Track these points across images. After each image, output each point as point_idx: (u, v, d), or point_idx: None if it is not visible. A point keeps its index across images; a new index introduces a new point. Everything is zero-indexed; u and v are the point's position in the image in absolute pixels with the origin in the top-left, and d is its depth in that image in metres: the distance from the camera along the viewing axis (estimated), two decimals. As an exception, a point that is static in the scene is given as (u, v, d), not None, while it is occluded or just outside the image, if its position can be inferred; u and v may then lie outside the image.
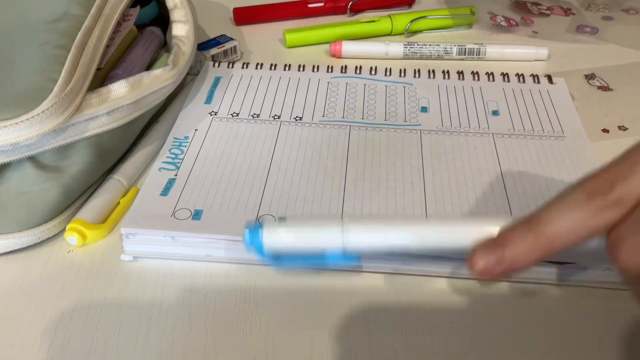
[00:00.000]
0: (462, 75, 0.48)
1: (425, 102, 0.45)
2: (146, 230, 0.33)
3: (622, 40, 0.54)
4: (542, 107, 0.44)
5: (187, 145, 0.40)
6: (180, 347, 0.29)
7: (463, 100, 0.45)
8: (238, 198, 0.36)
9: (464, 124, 0.42)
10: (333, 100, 0.45)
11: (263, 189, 0.36)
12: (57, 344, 0.30)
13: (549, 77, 0.47)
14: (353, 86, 0.47)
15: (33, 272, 0.33)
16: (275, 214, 0.34)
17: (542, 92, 0.46)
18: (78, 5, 0.38)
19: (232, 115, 0.43)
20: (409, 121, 0.43)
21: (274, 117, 0.43)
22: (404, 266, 0.32)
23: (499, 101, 0.45)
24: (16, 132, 0.31)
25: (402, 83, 0.47)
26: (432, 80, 0.47)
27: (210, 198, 0.35)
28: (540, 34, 0.55)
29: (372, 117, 0.43)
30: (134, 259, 0.34)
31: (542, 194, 0.36)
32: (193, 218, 0.34)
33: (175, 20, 0.45)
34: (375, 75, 0.48)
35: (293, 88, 0.46)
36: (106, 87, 0.36)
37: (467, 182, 0.37)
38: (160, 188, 0.36)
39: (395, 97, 0.45)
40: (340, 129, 0.42)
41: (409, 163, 0.39)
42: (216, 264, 0.33)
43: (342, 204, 0.35)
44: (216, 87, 0.46)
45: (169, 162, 0.38)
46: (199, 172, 0.38)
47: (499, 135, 0.41)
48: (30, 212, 0.34)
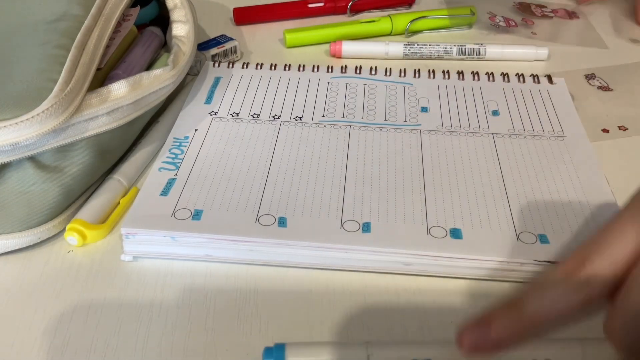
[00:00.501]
0: (462, 75, 0.48)
1: (425, 102, 0.45)
2: (146, 231, 0.33)
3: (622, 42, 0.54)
4: (542, 107, 0.44)
5: (187, 145, 0.40)
6: (180, 347, 0.29)
7: (463, 100, 0.45)
8: (238, 198, 0.35)
9: (464, 124, 0.42)
10: (333, 100, 0.45)
11: (263, 189, 0.36)
12: (57, 344, 0.30)
13: (549, 77, 0.47)
14: (353, 86, 0.47)
15: (33, 272, 0.33)
16: (275, 214, 0.34)
17: (542, 92, 0.46)
18: (78, 5, 0.38)
19: (232, 115, 0.43)
20: (409, 121, 0.43)
21: (274, 117, 0.43)
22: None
23: (499, 101, 0.45)
24: (16, 132, 0.31)
25: (402, 83, 0.47)
26: (432, 80, 0.47)
27: (210, 198, 0.35)
28: (539, 34, 0.55)
29: (372, 117, 0.43)
30: (134, 259, 0.34)
31: (542, 193, 0.36)
32: (193, 218, 0.34)
33: (175, 20, 0.45)
34: (375, 75, 0.48)
35: (293, 88, 0.46)
36: (106, 87, 0.36)
37: (467, 182, 0.37)
38: (160, 188, 0.36)
39: (395, 97, 0.45)
40: (340, 129, 0.42)
41: (409, 163, 0.39)
42: (216, 264, 0.33)
43: (342, 204, 0.35)
44: (216, 87, 0.46)
45: (168, 162, 0.38)
46: (199, 172, 0.38)
47: (499, 135, 0.41)
48: (30, 212, 0.34)
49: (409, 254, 0.32)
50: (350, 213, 0.35)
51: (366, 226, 0.34)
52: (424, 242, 0.33)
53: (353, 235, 0.33)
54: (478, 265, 0.32)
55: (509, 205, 0.35)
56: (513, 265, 0.32)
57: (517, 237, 0.33)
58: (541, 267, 0.32)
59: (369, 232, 0.33)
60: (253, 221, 0.34)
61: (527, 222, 0.34)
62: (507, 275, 0.32)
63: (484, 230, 0.34)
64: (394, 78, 0.48)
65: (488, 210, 0.35)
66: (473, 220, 0.34)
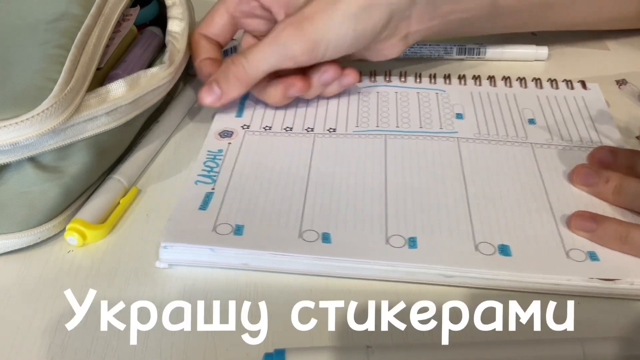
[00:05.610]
0: (493, 81, 0.47)
1: (460, 109, 0.44)
2: (188, 245, 0.33)
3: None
4: (578, 115, 0.43)
5: (221, 159, 0.39)
6: (180, 347, 0.29)
7: (498, 107, 0.44)
8: (279, 213, 0.35)
9: (501, 132, 0.42)
10: (365, 110, 0.44)
11: (303, 203, 0.36)
12: (57, 344, 0.30)
13: (583, 82, 0.47)
14: (384, 95, 0.46)
15: (33, 272, 0.33)
16: (318, 229, 0.34)
17: (577, 98, 0.45)
18: (78, 5, 0.38)
19: (264, 128, 0.43)
20: (445, 128, 0.42)
21: (307, 129, 0.42)
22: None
23: (534, 109, 0.44)
24: (16, 132, 0.31)
25: (434, 90, 0.46)
26: (464, 86, 0.47)
27: (251, 213, 0.35)
28: (538, 35, 0.55)
29: (407, 125, 0.42)
30: (169, 267, 0.33)
31: (584, 202, 0.36)
32: (235, 233, 0.33)
33: (172, 17, 0.45)
34: (405, 82, 0.47)
35: (323, 99, 0.45)
36: (105, 87, 0.36)
37: (510, 194, 0.36)
38: (198, 201, 0.36)
39: (428, 104, 0.45)
40: (376, 139, 0.41)
41: (449, 173, 0.38)
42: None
43: (384, 217, 0.34)
44: (246, 100, 0.45)
45: (204, 175, 0.38)
46: (237, 186, 0.37)
47: (537, 145, 0.40)
48: (30, 212, 0.34)
49: (457, 270, 0.32)
50: (394, 227, 0.34)
51: (412, 241, 0.33)
52: (473, 259, 0.32)
53: (400, 251, 0.32)
54: (526, 279, 0.31)
55: (554, 220, 0.34)
56: (561, 280, 0.31)
57: (566, 254, 0.32)
58: (592, 283, 0.31)
59: (415, 247, 0.33)
60: (296, 236, 0.33)
61: (574, 239, 0.33)
62: (552, 289, 0.31)
63: (532, 246, 0.33)
64: (425, 85, 0.47)
65: (534, 225, 0.34)
66: (520, 235, 0.33)
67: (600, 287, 0.31)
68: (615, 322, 0.30)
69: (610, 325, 0.30)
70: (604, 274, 0.31)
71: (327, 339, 0.30)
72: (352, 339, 0.30)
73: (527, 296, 0.31)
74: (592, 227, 0.33)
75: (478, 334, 0.29)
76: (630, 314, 0.31)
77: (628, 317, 0.30)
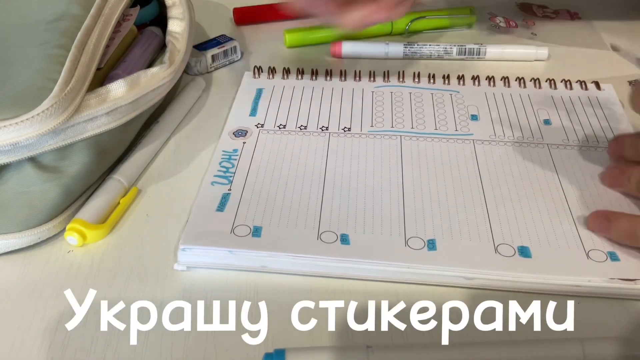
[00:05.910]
0: (507, 82, 0.47)
1: (475, 110, 0.44)
2: (207, 247, 0.33)
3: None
4: (593, 115, 0.43)
5: (237, 159, 0.39)
6: (180, 347, 0.29)
7: (513, 108, 0.44)
8: (296, 213, 0.35)
9: (517, 133, 0.42)
10: (380, 110, 0.44)
11: (321, 204, 0.36)
12: (57, 344, 0.30)
13: (597, 83, 0.47)
14: (398, 95, 0.46)
15: (33, 272, 0.33)
16: (336, 230, 0.34)
17: (592, 99, 0.45)
18: (78, 5, 0.38)
19: (278, 127, 0.42)
20: (460, 130, 0.42)
21: (322, 128, 0.42)
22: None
23: (549, 109, 0.44)
24: (16, 132, 0.31)
25: (448, 91, 0.46)
26: (478, 87, 0.47)
27: (268, 214, 0.35)
28: (538, 35, 0.55)
29: (422, 127, 0.42)
30: (187, 269, 0.33)
31: (603, 202, 0.36)
32: (253, 235, 0.33)
33: (172, 17, 0.45)
34: (418, 83, 0.47)
35: (337, 98, 0.45)
36: (104, 87, 0.36)
37: (528, 195, 0.36)
38: (215, 203, 0.36)
39: (443, 105, 0.45)
40: (391, 140, 0.41)
41: (466, 175, 0.38)
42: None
43: (403, 219, 0.34)
44: (259, 99, 0.45)
45: (220, 176, 0.38)
46: (253, 186, 0.37)
47: (554, 146, 0.40)
48: (30, 212, 0.34)
49: (478, 272, 0.31)
50: (413, 229, 0.34)
51: (431, 243, 0.33)
52: (493, 261, 0.32)
53: (419, 253, 0.32)
54: (547, 281, 0.31)
55: (574, 221, 0.34)
56: (582, 281, 0.31)
57: (586, 255, 0.32)
58: (613, 283, 0.31)
59: (434, 249, 0.33)
60: (315, 238, 0.33)
61: (594, 240, 0.33)
62: (572, 290, 0.31)
63: (552, 247, 0.33)
64: (438, 85, 0.47)
65: (553, 226, 0.34)
66: (540, 237, 0.33)
67: (621, 288, 0.31)
68: (615, 322, 0.30)
69: (610, 325, 0.30)
70: (625, 274, 0.31)
71: (327, 339, 0.30)
72: (352, 339, 0.30)
73: (527, 296, 0.31)
74: (606, 225, 0.33)
75: (478, 334, 0.30)
76: (630, 314, 0.31)
77: (628, 317, 0.31)
